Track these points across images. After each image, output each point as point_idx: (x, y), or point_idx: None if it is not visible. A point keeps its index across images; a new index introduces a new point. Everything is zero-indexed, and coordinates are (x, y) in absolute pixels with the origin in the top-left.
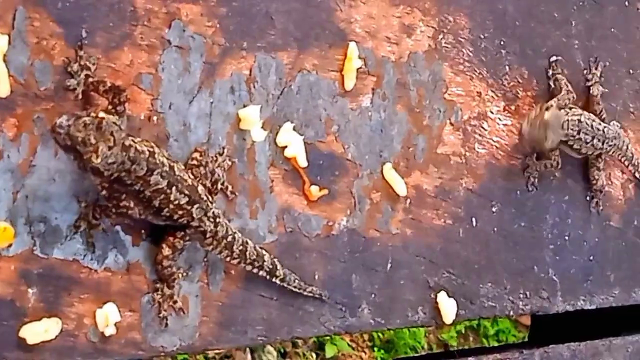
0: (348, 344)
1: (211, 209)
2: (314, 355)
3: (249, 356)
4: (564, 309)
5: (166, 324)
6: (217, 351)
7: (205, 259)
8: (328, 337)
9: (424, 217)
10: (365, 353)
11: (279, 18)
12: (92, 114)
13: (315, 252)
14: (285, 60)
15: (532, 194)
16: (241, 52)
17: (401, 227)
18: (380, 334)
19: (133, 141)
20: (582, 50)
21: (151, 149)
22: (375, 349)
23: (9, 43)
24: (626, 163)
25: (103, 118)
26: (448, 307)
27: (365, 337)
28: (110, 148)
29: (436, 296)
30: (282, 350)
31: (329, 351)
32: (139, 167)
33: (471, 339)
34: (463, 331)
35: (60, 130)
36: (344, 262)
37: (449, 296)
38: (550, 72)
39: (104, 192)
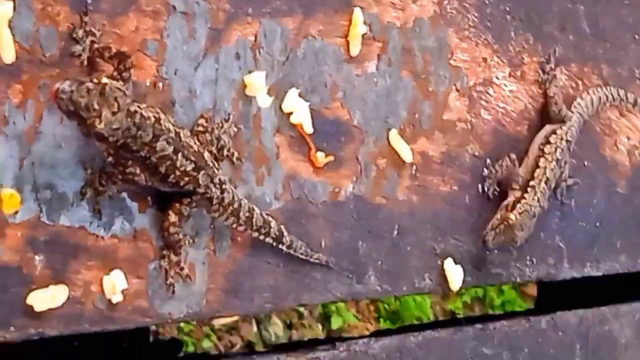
0: (354, 315)
1: (217, 175)
2: (319, 326)
3: (255, 328)
4: (571, 276)
5: (173, 291)
6: (223, 322)
7: (212, 226)
8: (334, 309)
9: (430, 183)
10: (371, 324)
11: None
12: (95, 80)
13: (321, 218)
14: (291, 26)
15: None
16: (246, 18)
17: (407, 194)
18: (386, 305)
19: (139, 107)
20: (587, 16)
21: (157, 115)
22: (381, 319)
23: (14, 9)
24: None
25: (106, 84)
26: (455, 274)
27: (371, 308)
28: (114, 114)
29: (443, 263)
30: (288, 322)
31: (335, 322)
32: (145, 133)
33: (477, 309)
34: (469, 302)
35: (62, 95)
36: (350, 229)
37: (456, 263)
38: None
39: (110, 159)
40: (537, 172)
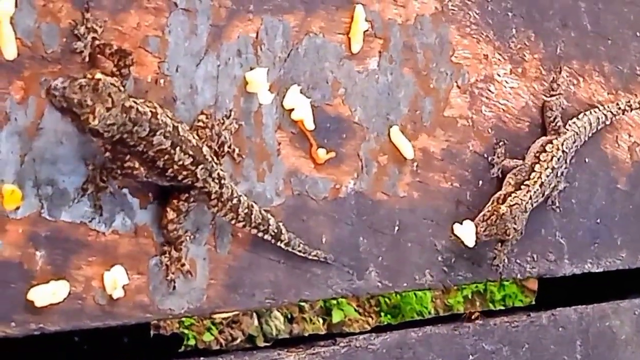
0: (355, 309)
1: (216, 170)
2: (320, 320)
3: (256, 321)
4: (571, 272)
5: (174, 287)
6: (224, 316)
7: (213, 222)
8: (335, 303)
9: (431, 179)
10: (372, 318)
11: None
12: (89, 76)
13: (322, 215)
14: (292, 23)
15: None
16: (248, 15)
17: (408, 190)
18: (387, 299)
19: (135, 102)
20: (589, 13)
21: (154, 110)
22: (382, 314)
23: (16, 6)
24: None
25: (100, 79)
26: (467, 232)
27: (372, 302)
28: (108, 109)
29: (452, 228)
30: (289, 316)
31: (336, 316)
32: (141, 129)
33: (478, 303)
34: (470, 296)
35: (55, 92)
36: (351, 225)
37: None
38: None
39: (107, 154)
40: (532, 174)
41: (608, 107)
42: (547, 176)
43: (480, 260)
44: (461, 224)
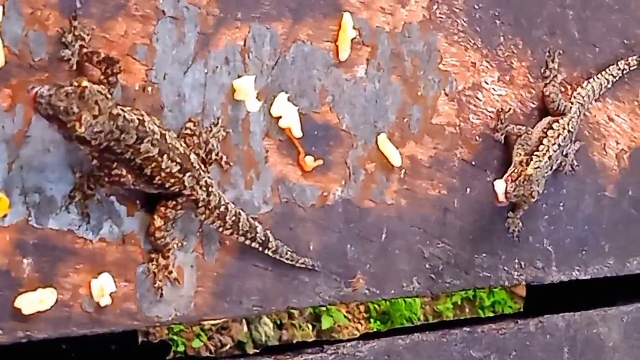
0: (344, 316)
1: (204, 177)
2: (310, 326)
3: (245, 328)
4: (559, 279)
5: (161, 294)
6: (213, 322)
7: (200, 230)
8: (324, 309)
9: (418, 187)
10: (362, 324)
11: None
12: (75, 83)
13: (310, 222)
14: (280, 31)
15: None
16: (235, 23)
17: (396, 198)
18: (376, 306)
19: (122, 110)
20: (576, 21)
21: (141, 117)
22: (372, 320)
23: (3, 14)
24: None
25: (86, 87)
26: (499, 189)
27: (361, 308)
28: (95, 117)
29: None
30: (278, 322)
31: (325, 323)
32: (129, 136)
33: (467, 310)
34: (459, 302)
35: (41, 100)
36: (338, 232)
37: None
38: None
39: (94, 162)
40: (541, 147)
41: (609, 70)
42: (555, 151)
43: (468, 267)
44: (493, 184)
